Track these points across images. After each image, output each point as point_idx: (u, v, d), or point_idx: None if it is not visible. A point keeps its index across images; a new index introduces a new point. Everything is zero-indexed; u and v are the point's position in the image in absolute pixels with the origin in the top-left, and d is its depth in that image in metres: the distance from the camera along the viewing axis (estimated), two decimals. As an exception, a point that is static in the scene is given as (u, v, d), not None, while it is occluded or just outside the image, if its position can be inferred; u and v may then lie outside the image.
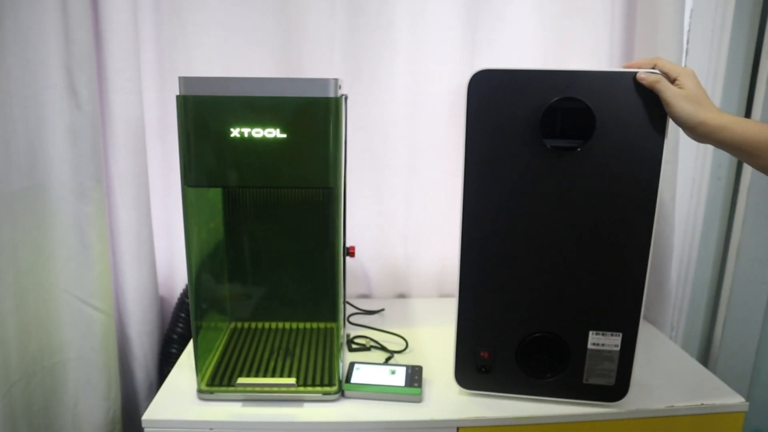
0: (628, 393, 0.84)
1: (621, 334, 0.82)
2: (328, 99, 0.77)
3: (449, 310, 0.87)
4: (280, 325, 1.06)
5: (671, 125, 0.74)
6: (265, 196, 0.96)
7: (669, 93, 0.71)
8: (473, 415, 0.84)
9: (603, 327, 0.82)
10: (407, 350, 1.04)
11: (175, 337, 1.17)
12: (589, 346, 0.83)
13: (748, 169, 1.26)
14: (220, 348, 0.98)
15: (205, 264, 0.92)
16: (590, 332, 0.82)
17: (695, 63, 1.23)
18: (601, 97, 0.74)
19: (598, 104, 0.74)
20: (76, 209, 1.03)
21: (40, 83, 0.98)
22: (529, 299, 0.82)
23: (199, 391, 0.87)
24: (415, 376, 0.91)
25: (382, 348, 1.04)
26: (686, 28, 1.18)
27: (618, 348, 0.82)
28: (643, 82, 0.73)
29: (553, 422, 0.84)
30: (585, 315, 0.82)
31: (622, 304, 0.81)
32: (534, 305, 0.83)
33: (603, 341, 0.82)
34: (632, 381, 0.84)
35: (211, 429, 0.82)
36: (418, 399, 0.87)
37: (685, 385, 0.92)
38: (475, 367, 0.86)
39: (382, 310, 1.22)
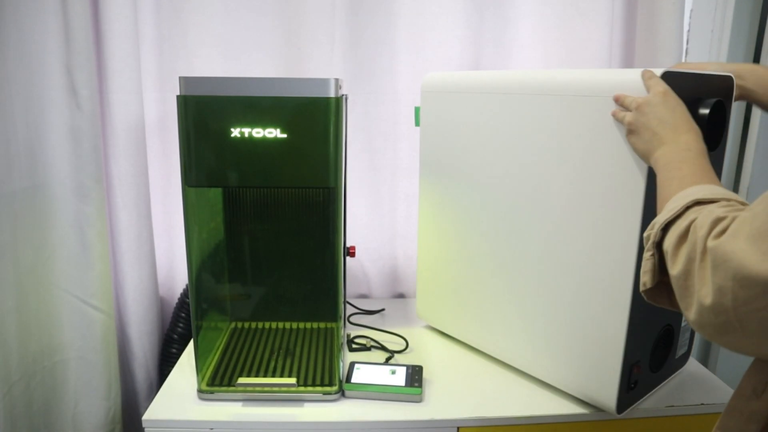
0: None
1: None
2: (328, 99, 0.77)
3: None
4: (280, 325, 1.06)
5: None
6: (265, 196, 0.96)
7: None
8: (473, 415, 0.84)
9: None
10: (407, 350, 1.04)
11: (175, 337, 1.17)
12: (683, 323, 0.88)
13: (747, 169, 1.26)
14: (221, 348, 0.98)
15: (205, 264, 0.92)
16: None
17: (695, 63, 1.23)
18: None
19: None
20: (76, 209, 1.03)
21: (40, 83, 0.98)
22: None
23: (200, 391, 0.87)
24: (415, 375, 0.91)
25: (383, 348, 1.04)
26: (686, 28, 1.18)
27: None
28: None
29: (553, 422, 0.84)
30: None
31: None
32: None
33: None
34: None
35: (212, 429, 0.82)
36: (418, 399, 0.87)
37: (685, 385, 0.92)
38: (628, 387, 0.81)
39: (382, 310, 1.22)
